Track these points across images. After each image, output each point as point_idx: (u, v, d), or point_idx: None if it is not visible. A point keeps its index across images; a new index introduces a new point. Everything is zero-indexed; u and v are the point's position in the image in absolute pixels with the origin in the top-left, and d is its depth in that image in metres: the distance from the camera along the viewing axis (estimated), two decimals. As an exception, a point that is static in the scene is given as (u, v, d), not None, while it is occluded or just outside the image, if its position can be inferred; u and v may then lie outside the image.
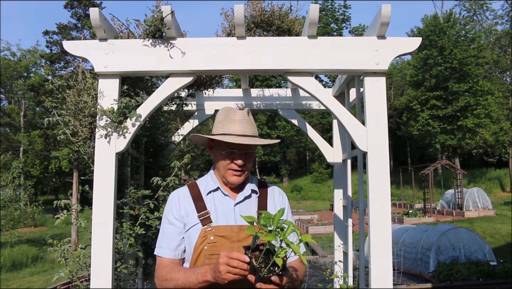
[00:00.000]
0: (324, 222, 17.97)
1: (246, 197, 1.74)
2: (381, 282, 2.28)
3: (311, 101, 3.62)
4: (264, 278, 1.35)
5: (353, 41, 2.47)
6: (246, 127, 1.70)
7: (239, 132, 1.69)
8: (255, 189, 1.78)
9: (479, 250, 9.60)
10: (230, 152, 1.70)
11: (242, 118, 1.71)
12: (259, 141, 1.72)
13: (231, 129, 1.69)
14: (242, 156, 1.70)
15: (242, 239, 1.64)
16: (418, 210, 19.47)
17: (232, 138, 1.66)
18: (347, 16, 40.46)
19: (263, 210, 1.71)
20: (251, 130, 1.72)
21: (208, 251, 1.63)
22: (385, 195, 2.33)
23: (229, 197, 1.73)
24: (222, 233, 1.65)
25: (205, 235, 1.64)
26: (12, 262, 14.36)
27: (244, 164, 1.70)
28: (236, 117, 1.71)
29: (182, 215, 1.71)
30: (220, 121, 1.74)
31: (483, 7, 31.03)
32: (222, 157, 1.72)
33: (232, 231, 1.65)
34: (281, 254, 1.34)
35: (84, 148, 2.60)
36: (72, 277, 2.57)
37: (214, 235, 1.64)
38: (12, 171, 17.18)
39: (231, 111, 1.74)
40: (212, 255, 1.61)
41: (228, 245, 1.62)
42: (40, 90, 24.18)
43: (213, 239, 1.63)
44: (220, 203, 1.73)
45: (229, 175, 1.71)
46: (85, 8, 20.97)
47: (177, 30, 2.47)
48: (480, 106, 27.97)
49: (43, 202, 25.24)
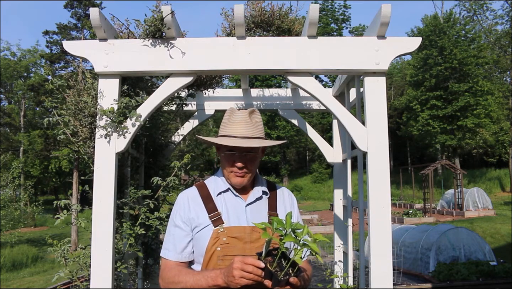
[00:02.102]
0: (324, 222, 17.97)
1: (257, 198, 1.74)
2: (381, 282, 2.28)
3: (311, 101, 3.62)
4: (281, 281, 1.38)
5: (353, 41, 2.47)
6: (247, 128, 1.67)
7: (239, 134, 1.67)
8: (265, 190, 1.78)
9: (479, 250, 9.59)
10: (230, 154, 1.68)
11: (242, 119, 1.69)
12: (255, 143, 1.66)
13: (231, 130, 1.68)
14: (242, 158, 1.67)
15: (255, 239, 1.64)
16: (418, 210, 19.45)
17: (228, 140, 1.65)
18: (347, 16, 40.42)
19: (273, 211, 1.73)
20: (252, 131, 1.68)
21: (221, 252, 1.62)
22: (385, 195, 2.33)
23: (240, 198, 1.72)
24: (235, 234, 1.63)
25: (217, 236, 1.63)
26: (12, 262, 14.34)
27: (245, 166, 1.67)
28: (236, 118, 1.70)
29: (191, 217, 1.69)
30: (223, 123, 1.74)
31: (483, 7, 31.02)
32: (224, 159, 1.71)
33: (244, 232, 1.64)
34: (298, 254, 1.37)
35: (84, 148, 2.60)
36: (72, 277, 2.57)
37: (227, 236, 1.63)
38: (12, 171, 17.16)
39: (233, 113, 1.72)
40: (225, 256, 1.60)
41: (241, 246, 1.62)
42: (40, 90, 24.20)
43: (226, 240, 1.62)
44: (231, 203, 1.71)
45: (232, 177, 1.70)
46: (85, 8, 20.96)
47: (177, 30, 2.47)
48: (480, 106, 27.96)
49: (43, 202, 25.20)
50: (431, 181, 20.06)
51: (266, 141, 1.74)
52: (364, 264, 2.79)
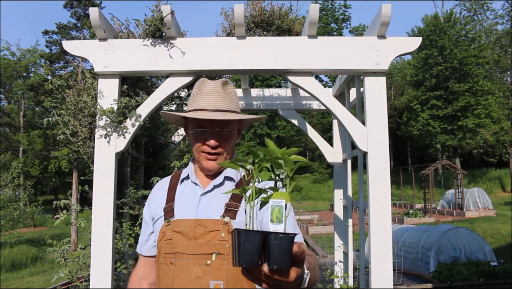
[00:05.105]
0: (324, 222, 17.94)
1: (216, 185, 1.41)
2: (381, 282, 2.28)
3: (311, 101, 3.62)
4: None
5: (353, 41, 2.47)
6: (220, 100, 1.40)
7: (210, 106, 1.39)
8: (230, 176, 1.43)
9: (480, 250, 9.58)
10: (201, 131, 1.41)
11: (213, 90, 1.42)
12: (230, 116, 1.39)
13: (202, 103, 1.40)
14: (215, 135, 1.39)
15: (199, 235, 1.32)
16: (418, 210, 19.43)
17: (197, 113, 1.39)
18: (347, 16, 40.42)
19: (236, 202, 1.35)
20: (227, 104, 1.41)
21: (164, 250, 1.37)
22: (385, 195, 2.33)
23: (199, 186, 1.43)
24: (178, 228, 1.36)
25: (164, 230, 1.39)
26: (12, 262, 14.34)
27: (218, 144, 1.39)
28: (207, 89, 1.43)
29: (152, 208, 1.51)
30: (192, 96, 1.47)
31: (484, 7, 31.01)
32: (193, 138, 1.44)
33: (189, 226, 1.34)
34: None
35: (83, 148, 2.60)
36: (71, 277, 2.56)
37: (172, 230, 1.37)
38: (11, 171, 17.18)
39: (204, 83, 1.45)
40: (167, 254, 1.35)
41: (184, 243, 1.33)
42: (40, 90, 24.20)
43: (170, 236, 1.36)
44: (186, 193, 1.45)
45: (203, 159, 1.41)
46: (85, 8, 20.96)
47: (177, 30, 2.46)
48: (480, 106, 27.96)
49: (43, 202, 25.21)
50: (432, 181, 20.05)
51: (243, 115, 1.49)
52: (364, 264, 2.79)
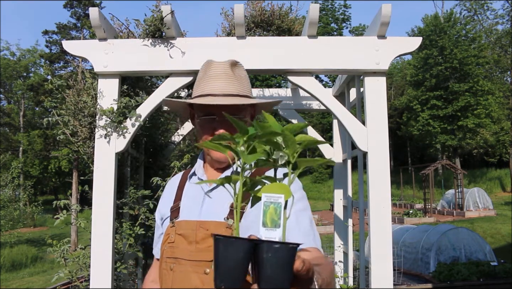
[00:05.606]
0: (324, 222, 17.93)
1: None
2: (381, 282, 2.27)
3: (311, 101, 3.62)
4: None
5: (353, 41, 2.47)
6: (229, 83, 1.26)
7: (218, 91, 1.25)
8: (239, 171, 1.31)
9: (480, 250, 9.58)
10: (208, 119, 1.27)
11: (221, 72, 1.27)
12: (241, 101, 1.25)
13: (208, 88, 1.26)
14: (224, 123, 1.24)
15: (201, 239, 1.18)
16: (418, 210, 19.42)
17: (204, 99, 1.25)
18: (347, 16, 40.41)
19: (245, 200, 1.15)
20: (236, 87, 1.27)
21: (166, 253, 1.24)
22: (386, 195, 2.33)
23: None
24: (181, 230, 1.23)
25: (168, 232, 1.27)
26: (12, 262, 14.34)
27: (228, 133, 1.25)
28: (215, 71, 1.28)
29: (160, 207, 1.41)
30: (198, 80, 1.33)
31: (484, 6, 31.02)
32: (201, 127, 1.31)
33: (190, 228, 1.21)
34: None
35: (83, 148, 2.60)
36: (71, 277, 2.56)
37: (175, 232, 1.25)
38: (11, 171, 17.19)
39: (210, 65, 1.30)
40: (168, 259, 1.23)
41: (184, 247, 1.20)
42: (40, 90, 24.21)
43: (173, 238, 1.24)
44: (192, 191, 1.31)
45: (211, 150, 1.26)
46: (85, 8, 20.97)
47: (177, 30, 2.46)
48: (480, 106, 27.95)
49: (43, 202, 25.21)
50: (432, 181, 20.04)
51: (257, 99, 1.34)
52: (364, 264, 2.79)
